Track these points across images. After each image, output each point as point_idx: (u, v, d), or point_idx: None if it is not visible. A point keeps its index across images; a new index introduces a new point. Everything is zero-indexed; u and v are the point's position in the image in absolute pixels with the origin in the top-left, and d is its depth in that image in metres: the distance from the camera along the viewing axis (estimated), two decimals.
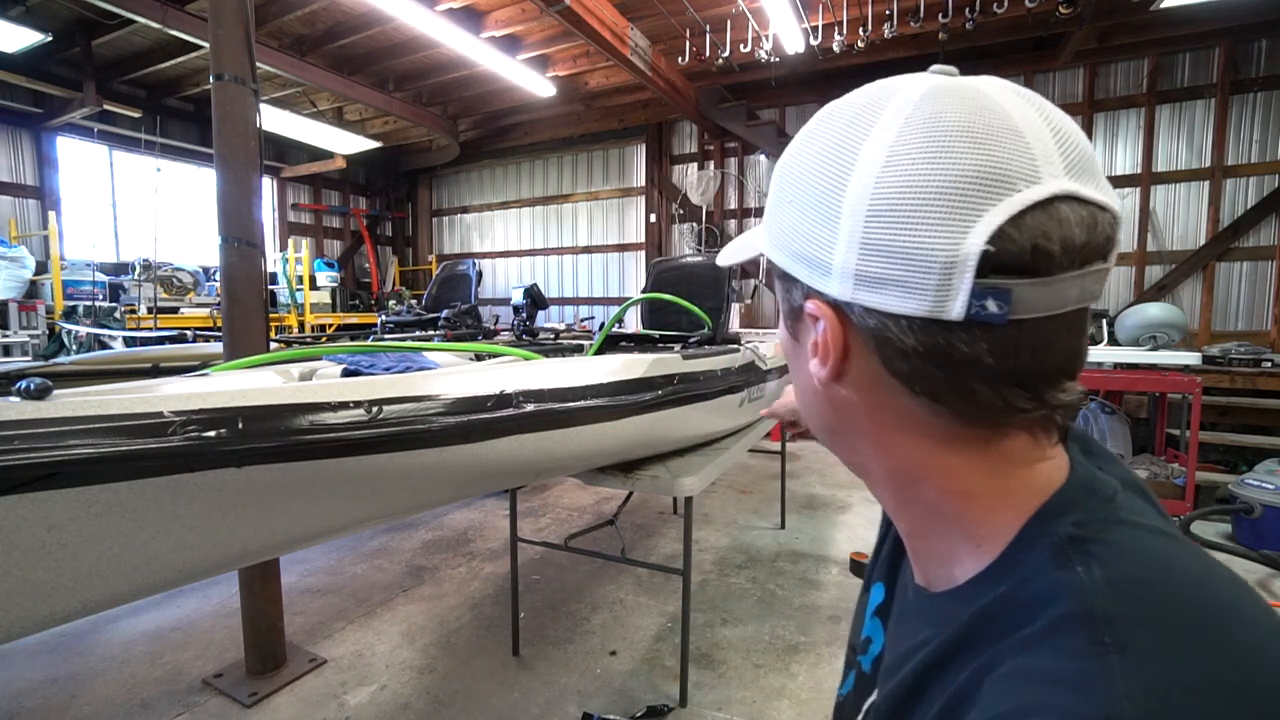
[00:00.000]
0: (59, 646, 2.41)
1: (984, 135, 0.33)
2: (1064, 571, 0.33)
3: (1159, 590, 0.32)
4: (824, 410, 0.45)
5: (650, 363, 1.75)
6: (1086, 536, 0.35)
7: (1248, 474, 3.49)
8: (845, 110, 0.38)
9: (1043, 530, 0.36)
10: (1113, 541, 0.34)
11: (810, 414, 0.48)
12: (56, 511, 0.75)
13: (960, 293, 0.33)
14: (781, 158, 0.42)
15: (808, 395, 0.46)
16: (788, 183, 0.41)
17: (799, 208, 0.39)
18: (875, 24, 4.79)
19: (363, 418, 1.01)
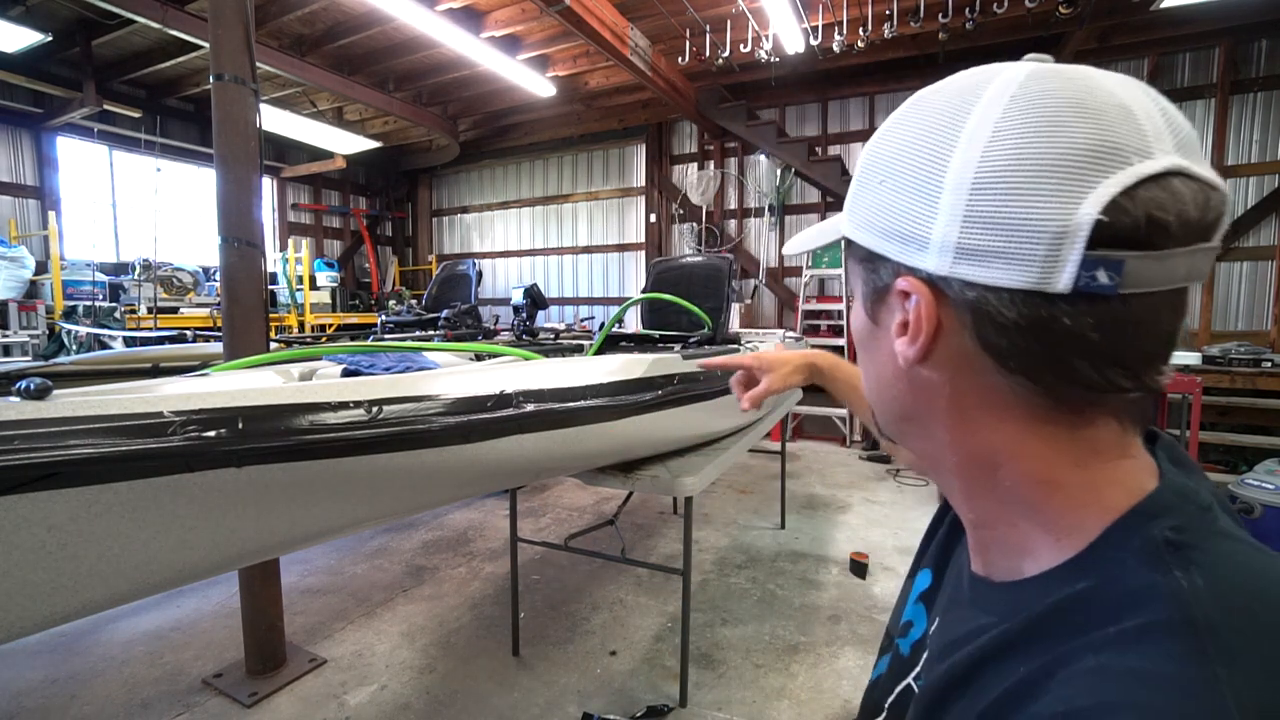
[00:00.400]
0: (59, 646, 2.41)
1: (1095, 110, 0.33)
2: (1161, 575, 0.32)
3: (1266, 606, 0.31)
4: (901, 395, 0.44)
5: (650, 363, 1.75)
6: (1185, 543, 0.34)
7: (1248, 474, 3.49)
8: (943, 92, 0.38)
9: (1135, 531, 0.35)
10: (1213, 551, 0.33)
11: (884, 400, 0.47)
12: (56, 511, 0.75)
13: (1069, 264, 0.32)
14: (870, 144, 0.43)
15: (885, 380, 0.46)
16: (879, 164, 0.41)
17: (893, 186, 0.39)
18: (875, 24, 4.78)
19: (363, 418, 1.01)
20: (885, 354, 0.44)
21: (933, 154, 0.37)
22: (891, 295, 0.41)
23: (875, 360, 0.46)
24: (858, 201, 0.43)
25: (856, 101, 6.60)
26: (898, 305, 0.41)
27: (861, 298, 0.46)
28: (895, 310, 0.42)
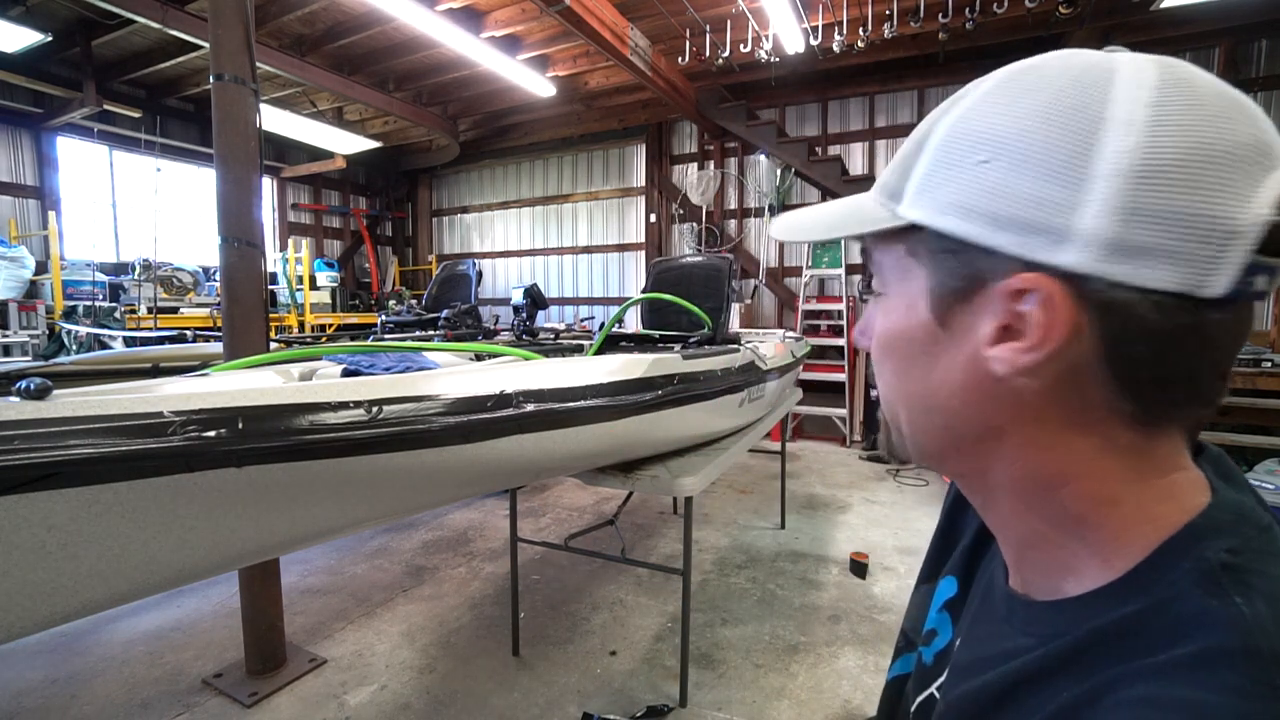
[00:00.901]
0: (59, 646, 2.41)
1: (1247, 106, 0.32)
2: (1218, 601, 0.30)
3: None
4: (968, 409, 0.39)
5: (650, 363, 1.75)
6: (1244, 566, 0.32)
7: (1248, 474, 3.49)
8: (1057, 66, 0.35)
9: (1188, 552, 0.33)
10: (1275, 576, 0.31)
11: (937, 415, 0.41)
12: (56, 511, 0.75)
13: (1231, 265, 0.30)
14: (957, 117, 0.37)
15: (946, 393, 0.39)
16: (981, 140, 0.36)
17: (1010, 167, 0.34)
18: (875, 24, 4.78)
19: (363, 418, 1.01)
20: (956, 362, 0.38)
21: (1075, 135, 0.32)
22: (988, 293, 0.36)
23: (933, 370, 0.40)
24: (941, 182, 0.37)
25: (856, 101, 6.60)
26: (996, 306, 0.36)
27: (924, 295, 0.39)
28: (986, 312, 0.36)
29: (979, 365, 0.37)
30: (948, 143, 0.37)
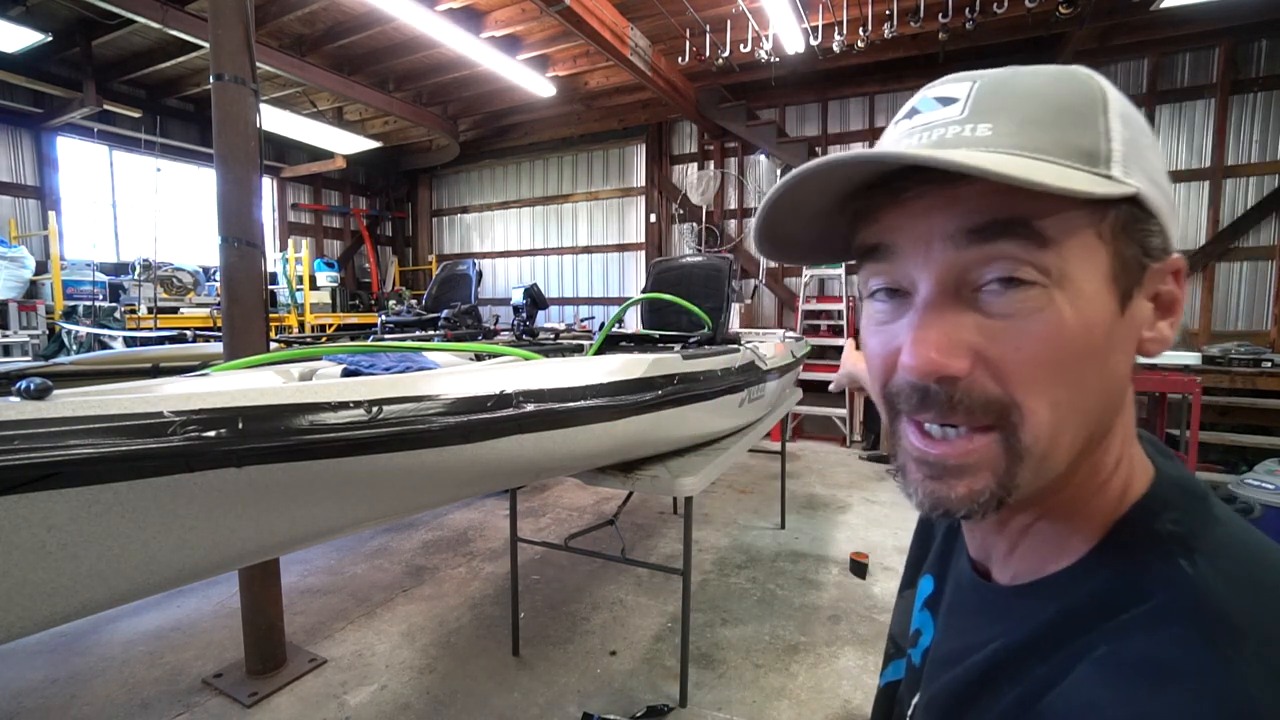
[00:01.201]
0: (59, 646, 2.41)
1: None
2: (1168, 565, 0.33)
3: (1269, 588, 0.32)
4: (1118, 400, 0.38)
5: (650, 363, 1.75)
6: (1188, 533, 0.35)
7: (1248, 474, 3.49)
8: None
9: (1141, 525, 0.36)
10: (1215, 538, 0.35)
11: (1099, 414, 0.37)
12: (56, 511, 0.75)
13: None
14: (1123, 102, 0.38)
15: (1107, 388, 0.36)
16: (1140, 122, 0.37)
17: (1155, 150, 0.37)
18: (875, 24, 4.78)
19: (363, 418, 1.01)
20: (1125, 351, 0.37)
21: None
22: (1156, 273, 0.36)
23: (1108, 360, 0.36)
24: (1141, 152, 0.36)
25: (856, 101, 6.60)
26: (1151, 286, 0.36)
27: (1107, 283, 0.35)
28: (1146, 292, 0.36)
29: (1135, 350, 0.37)
30: (1126, 118, 0.36)
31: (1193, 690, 0.28)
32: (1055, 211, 0.34)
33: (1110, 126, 0.35)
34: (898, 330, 0.39)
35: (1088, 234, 0.34)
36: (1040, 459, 0.35)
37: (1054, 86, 0.37)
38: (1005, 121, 0.36)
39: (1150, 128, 0.37)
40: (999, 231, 0.34)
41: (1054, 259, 0.34)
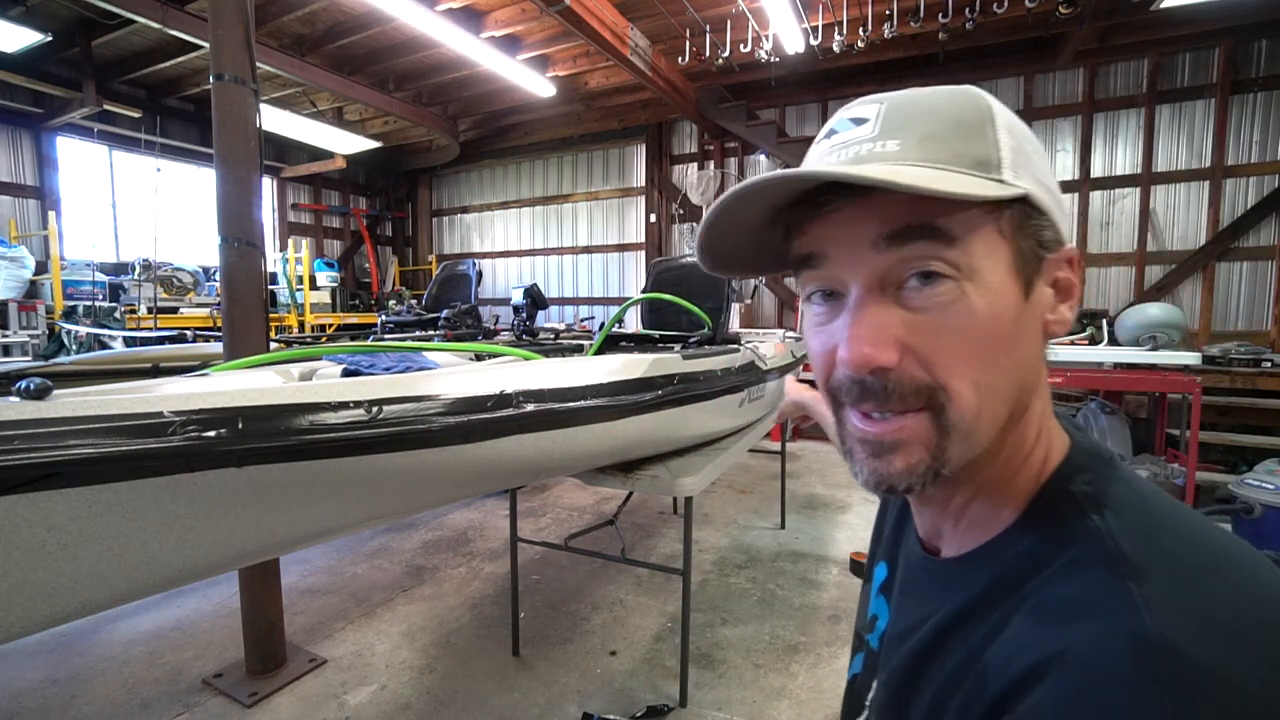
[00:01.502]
0: (59, 646, 2.41)
1: None
2: (1082, 521, 0.39)
3: (1163, 531, 0.37)
4: (1032, 377, 0.43)
5: (650, 363, 1.74)
6: (1099, 492, 0.40)
7: (1248, 474, 3.48)
8: None
9: (1060, 488, 0.42)
10: (1118, 495, 0.40)
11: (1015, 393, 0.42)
12: (56, 511, 0.75)
13: None
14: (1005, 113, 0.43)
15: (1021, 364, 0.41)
16: (1022, 130, 0.43)
17: (1040, 154, 0.43)
18: (875, 24, 4.78)
19: (363, 418, 1.01)
20: (1032, 330, 0.42)
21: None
22: (1052, 262, 0.42)
23: (1017, 342, 0.41)
24: (1027, 159, 0.41)
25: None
26: (1049, 274, 0.42)
27: (1011, 273, 0.40)
28: (1045, 280, 0.42)
29: (1043, 331, 0.43)
30: (1012, 129, 0.42)
31: (1102, 623, 0.33)
32: (958, 213, 0.39)
33: (999, 138, 0.41)
34: (835, 329, 0.43)
35: (989, 231, 0.40)
36: (967, 434, 0.40)
37: (949, 105, 0.42)
38: (910, 137, 0.41)
39: (1036, 138, 0.43)
40: (912, 234, 0.39)
41: (962, 255, 0.39)
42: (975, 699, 0.37)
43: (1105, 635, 0.32)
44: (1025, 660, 0.34)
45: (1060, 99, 5.80)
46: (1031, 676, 0.33)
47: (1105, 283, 5.77)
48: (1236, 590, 0.33)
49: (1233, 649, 0.30)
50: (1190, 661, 0.30)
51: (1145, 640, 0.31)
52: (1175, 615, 0.32)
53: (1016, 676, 0.34)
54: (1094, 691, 0.31)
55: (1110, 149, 5.67)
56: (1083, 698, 0.31)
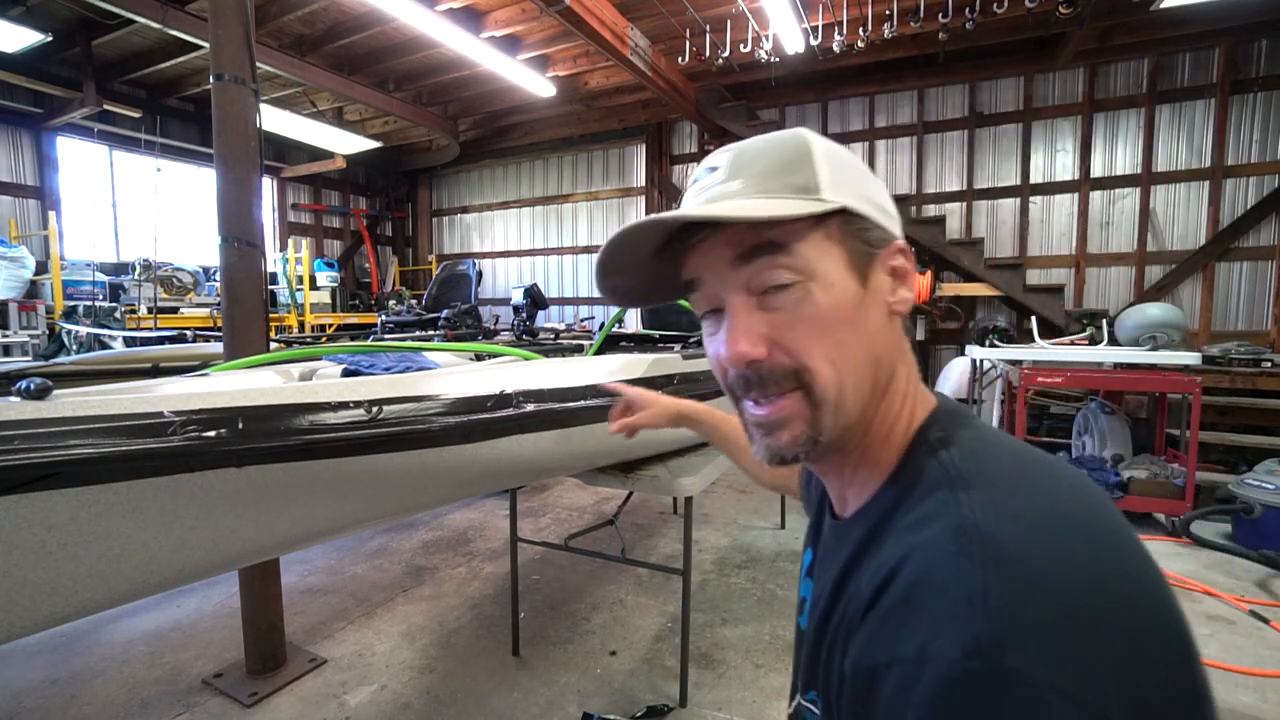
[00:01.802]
0: (59, 646, 2.41)
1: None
2: (933, 457, 0.48)
3: (990, 457, 0.47)
4: (883, 348, 0.52)
5: (650, 363, 1.75)
6: (948, 437, 0.50)
7: (1248, 474, 3.48)
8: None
9: (921, 440, 0.51)
10: (963, 436, 0.49)
11: (868, 361, 0.51)
12: (56, 511, 0.75)
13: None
14: (825, 144, 0.52)
15: (873, 339, 0.51)
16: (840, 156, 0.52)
17: (856, 171, 0.52)
18: (875, 24, 4.78)
19: (363, 418, 1.01)
20: (877, 315, 0.51)
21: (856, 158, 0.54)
22: (881, 257, 0.52)
23: (863, 324, 0.51)
24: (844, 181, 0.51)
25: (856, 101, 6.60)
26: (886, 264, 0.52)
27: (847, 268, 0.50)
28: (882, 269, 0.52)
29: (886, 311, 0.52)
30: (829, 158, 0.51)
31: (940, 524, 0.41)
32: (790, 229, 0.49)
33: (817, 167, 0.50)
34: (721, 338, 0.53)
35: (818, 238, 0.49)
36: (835, 404, 0.50)
37: (777, 147, 0.52)
38: (749, 176, 0.51)
39: (860, 162, 0.53)
40: (758, 252, 0.49)
41: (800, 261, 0.49)
42: (855, 610, 0.45)
43: (938, 530, 0.41)
44: (885, 567, 0.43)
45: (1060, 99, 5.80)
46: (889, 575, 0.42)
47: (1105, 283, 5.78)
48: (1042, 495, 0.43)
49: (1033, 534, 0.39)
50: (998, 543, 0.38)
51: (964, 529, 0.40)
52: (990, 511, 0.40)
53: (879, 582, 0.42)
54: (927, 570, 0.39)
55: (1110, 149, 5.67)
56: (920, 576, 0.39)
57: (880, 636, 0.40)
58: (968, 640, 0.35)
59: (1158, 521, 3.73)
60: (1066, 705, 0.33)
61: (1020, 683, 0.33)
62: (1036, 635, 0.34)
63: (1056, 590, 0.36)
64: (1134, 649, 0.35)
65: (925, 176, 6.35)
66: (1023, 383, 3.76)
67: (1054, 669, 0.33)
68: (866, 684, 0.40)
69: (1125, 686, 0.34)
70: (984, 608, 0.36)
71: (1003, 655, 0.34)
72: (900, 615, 0.39)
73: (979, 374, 4.68)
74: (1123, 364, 3.96)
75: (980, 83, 6.06)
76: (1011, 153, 6.01)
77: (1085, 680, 0.33)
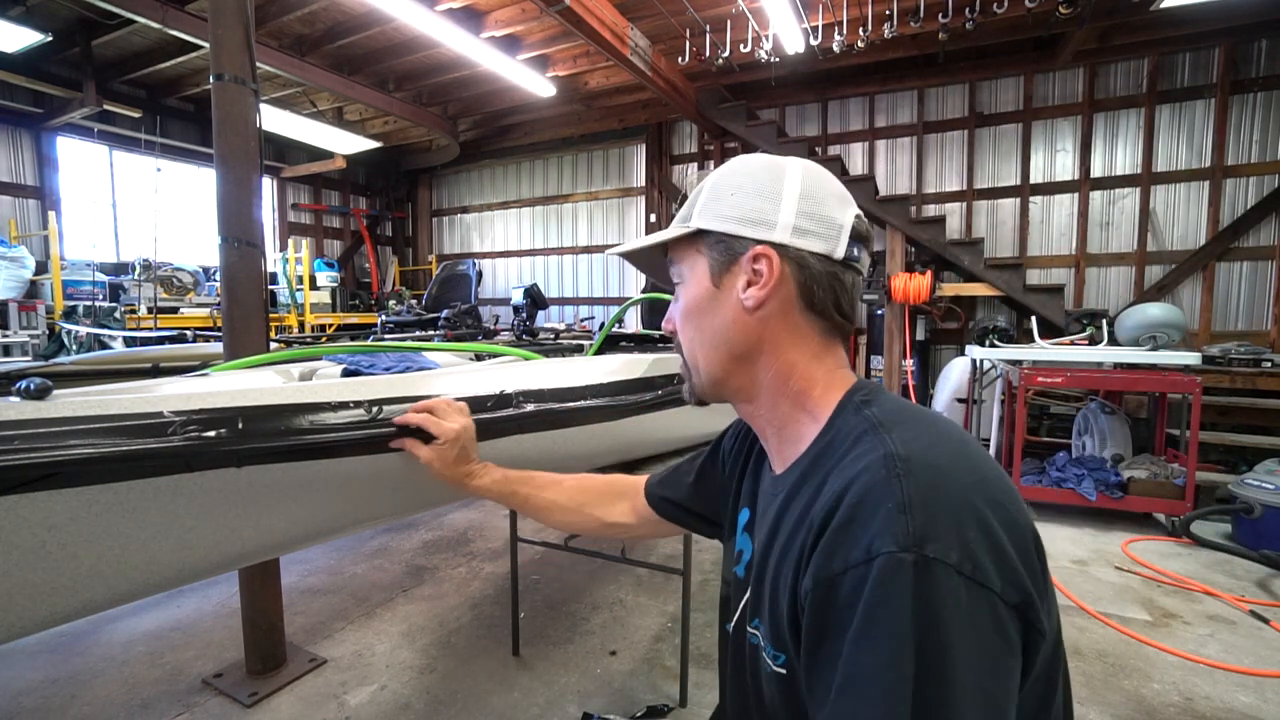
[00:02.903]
0: (59, 646, 2.41)
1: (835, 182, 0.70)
2: (859, 417, 0.62)
3: (902, 411, 0.61)
4: (737, 337, 0.68)
5: (650, 363, 1.75)
6: (869, 399, 0.64)
7: (1248, 474, 3.48)
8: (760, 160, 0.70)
9: (848, 402, 0.65)
10: (881, 399, 0.64)
11: (720, 347, 0.70)
12: (56, 511, 0.75)
13: (844, 242, 0.66)
14: (717, 178, 0.70)
15: (723, 330, 0.69)
16: (730, 185, 0.69)
17: (744, 195, 0.67)
18: (875, 24, 4.79)
19: (363, 418, 1.01)
20: (728, 308, 0.68)
21: (774, 180, 0.67)
22: (742, 262, 0.67)
23: (715, 317, 0.69)
24: (712, 208, 0.69)
25: (856, 101, 6.60)
26: (745, 268, 0.67)
27: (706, 273, 0.69)
28: (740, 273, 0.67)
29: (740, 305, 0.67)
30: (711, 189, 0.69)
31: (872, 457, 0.54)
32: (677, 245, 0.73)
33: (697, 199, 0.70)
34: None
35: (692, 252, 0.72)
36: (696, 367, 0.73)
37: (698, 185, 0.72)
38: (681, 216, 0.73)
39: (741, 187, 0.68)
40: (670, 264, 0.76)
41: (683, 269, 0.73)
42: (806, 536, 0.55)
43: (871, 461, 0.54)
44: (832, 495, 0.54)
45: (1060, 99, 5.80)
46: (836, 501, 0.53)
47: (1105, 283, 5.78)
48: (937, 432, 0.58)
49: (934, 451, 0.54)
50: (912, 460, 0.53)
51: (890, 455, 0.53)
52: (906, 442, 0.55)
53: (828, 508, 0.54)
54: (867, 490, 0.52)
55: (1110, 149, 5.67)
56: (862, 496, 0.52)
57: (836, 549, 0.51)
58: (901, 537, 0.48)
59: (1158, 521, 3.73)
60: (962, 579, 0.47)
61: (936, 566, 0.47)
62: (945, 531, 0.49)
63: (953, 490, 0.51)
64: (1004, 529, 0.51)
65: (925, 176, 6.35)
66: (1023, 383, 3.76)
67: (955, 555, 0.48)
68: (826, 591, 0.51)
69: (996, 559, 0.49)
70: (909, 512, 0.49)
71: (924, 547, 0.48)
72: (848, 529, 0.51)
73: (979, 374, 4.68)
74: (1123, 364, 3.96)
75: (980, 83, 6.06)
76: (1011, 153, 6.01)
77: (973, 561, 0.48)
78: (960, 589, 0.47)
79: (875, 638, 0.47)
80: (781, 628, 0.59)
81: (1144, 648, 2.39)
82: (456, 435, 1.01)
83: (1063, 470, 3.94)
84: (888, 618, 0.47)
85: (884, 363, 5.91)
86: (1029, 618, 0.50)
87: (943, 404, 5.30)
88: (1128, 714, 2.01)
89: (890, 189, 6.44)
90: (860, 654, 0.47)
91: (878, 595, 0.47)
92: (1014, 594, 0.49)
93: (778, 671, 0.60)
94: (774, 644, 0.61)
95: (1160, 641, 2.42)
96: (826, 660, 0.50)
